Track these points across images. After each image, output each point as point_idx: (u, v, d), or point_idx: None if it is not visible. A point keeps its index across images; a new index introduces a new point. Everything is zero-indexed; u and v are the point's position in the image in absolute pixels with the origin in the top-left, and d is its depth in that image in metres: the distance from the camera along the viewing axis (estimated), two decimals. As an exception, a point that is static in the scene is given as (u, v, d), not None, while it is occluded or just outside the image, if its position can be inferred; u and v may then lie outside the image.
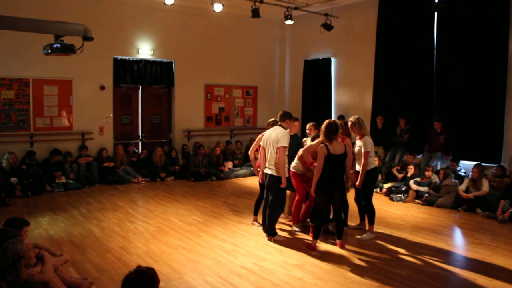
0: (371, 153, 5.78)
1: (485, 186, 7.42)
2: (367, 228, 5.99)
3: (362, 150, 5.74)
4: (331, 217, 5.89)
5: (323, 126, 5.31)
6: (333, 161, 5.23)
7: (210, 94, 11.85)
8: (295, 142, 6.24)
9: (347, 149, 5.36)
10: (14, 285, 2.78)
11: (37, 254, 3.66)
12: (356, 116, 5.91)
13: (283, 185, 5.55)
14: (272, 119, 6.22)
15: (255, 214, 6.44)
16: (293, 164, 6.03)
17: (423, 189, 8.07)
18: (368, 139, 5.79)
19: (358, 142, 5.85)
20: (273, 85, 13.08)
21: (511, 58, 8.13)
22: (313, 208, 5.53)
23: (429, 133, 9.04)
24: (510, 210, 6.78)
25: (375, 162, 5.97)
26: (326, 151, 5.20)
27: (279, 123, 5.78)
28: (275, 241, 5.64)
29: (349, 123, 5.90)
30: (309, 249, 5.37)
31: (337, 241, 5.48)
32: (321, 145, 5.28)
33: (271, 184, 5.64)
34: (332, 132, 5.23)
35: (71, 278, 4.08)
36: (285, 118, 5.77)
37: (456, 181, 7.89)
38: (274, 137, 5.59)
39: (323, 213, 5.46)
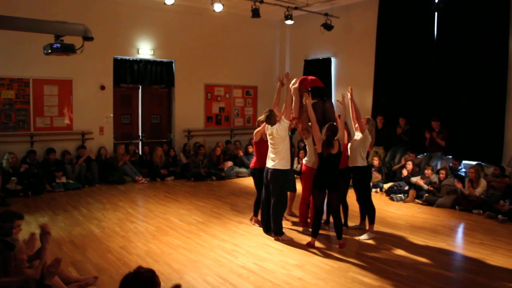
0: (363, 152, 5.80)
1: (480, 187, 7.44)
2: (367, 228, 6.00)
3: (356, 134, 5.87)
4: (324, 218, 5.98)
5: (324, 132, 5.37)
6: (327, 160, 5.33)
7: (210, 94, 11.85)
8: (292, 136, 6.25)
9: (340, 142, 5.40)
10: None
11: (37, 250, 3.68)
12: (372, 120, 6.19)
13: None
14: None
15: (255, 214, 6.44)
16: (306, 159, 5.99)
17: (425, 186, 8.08)
18: (368, 134, 5.85)
19: (358, 134, 5.87)
20: (273, 85, 13.02)
21: (511, 58, 8.13)
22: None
23: (429, 132, 9.03)
24: (509, 206, 6.80)
25: (364, 160, 5.88)
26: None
27: (272, 125, 5.64)
28: (283, 241, 5.64)
29: (364, 117, 6.00)
30: (308, 247, 5.42)
31: (337, 241, 5.49)
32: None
33: (274, 179, 5.61)
34: (331, 142, 5.28)
35: (70, 274, 4.09)
36: (275, 116, 5.68)
37: (456, 180, 7.88)
38: (278, 133, 5.57)
39: (320, 211, 5.49)
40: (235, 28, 11.97)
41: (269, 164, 5.68)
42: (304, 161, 6.07)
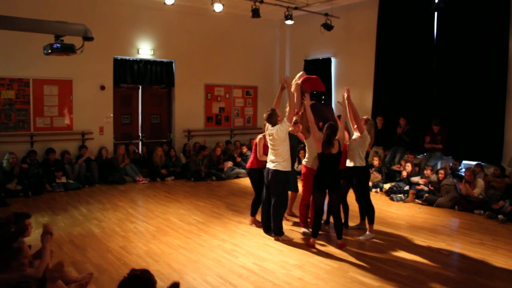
0: (362, 152, 5.78)
1: (478, 188, 7.44)
2: (367, 227, 5.99)
3: (355, 134, 5.83)
4: (324, 218, 5.98)
5: (324, 130, 5.36)
6: (327, 160, 5.33)
7: (210, 94, 11.85)
8: (296, 140, 6.25)
9: (340, 140, 5.39)
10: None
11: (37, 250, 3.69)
12: (371, 119, 6.06)
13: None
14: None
15: (253, 215, 6.43)
16: (306, 160, 5.99)
17: (425, 188, 8.08)
18: (367, 135, 5.81)
19: (356, 134, 5.87)
20: (273, 85, 13.07)
21: (511, 58, 8.13)
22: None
23: (427, 133, 9.01)
24: (509, 206, 6.80)
25: (362, 160, 5.82)
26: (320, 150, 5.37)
27: (273, 125, 5.64)
28: (283, 241, 5.64)
29: (362, 118, 5.93)
30: (308, 247, 5.43)
31: (337, 241, 5.49)
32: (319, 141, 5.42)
33: (275, 180, 5.62)
34: (331, 141, 5.27)
35: (70, 274, 4.09)
36: (277, 116, 5.68)
37: (455, 180, 7.88)
38: (278, 134, 5.55)
39: (320, 212, 5.50)
40: (235, 28, 11.97)
41: (270, 165, 5.68)
42: (303, 161, 6.07)
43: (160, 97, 11.31)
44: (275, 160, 5.61)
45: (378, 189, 8.81)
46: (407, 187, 8.34)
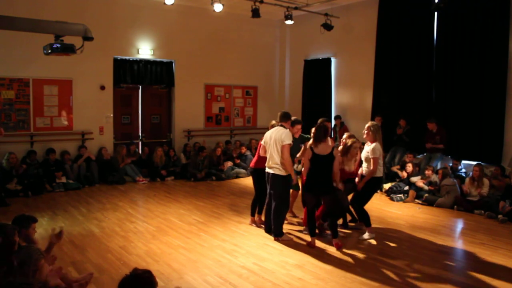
0: (379, 161, 5.72)
1: (486, 186, 7.42)
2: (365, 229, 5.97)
3: (370, 156, 5.70)
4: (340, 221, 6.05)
5: (313, 128, 5.44)
6: (318, 162, 5.34)
7: (210, 94, 11.85)
8: (298, 144, 6.24)
9: (334, 151, 5.41)
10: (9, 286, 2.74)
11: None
12: (374, 122, 5.98)
13: (294, 182, 5.73)
14: (274, 121, 6.21)
15: (252, 215, 6.44)
16: None
17: (425, 187, 8.08)
18: (378, 146, 5.73)
19: (367, 148, 5.81)
20: (273, 85, 13.09)
21: (511, 58, 8.13)
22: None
23: (426, 134, 9.01)
24: (509, 207, 6.79)
25: (381, 170, 5.79)
26: (310, 153, 5.40)
27: (280, 123, 5.79)
28: (282, 241, 5.64)
29: (366, 127, 5.84)
30: (309, 247, 5.43)
31: (333, 240, 5.47)
32: (307, 148, 5.53)
33: (274, 183, 5.64)
34: (320, 136, 5.34)
35: (70, 274, 4.08)
36: (287, 119, 5.79)
37: (455, 180, 7.88)
38: (275, 136, 5.60)
39: (313, 212, 5.56)
40: (235, 28, 11.96)
41: (269, 169, 5.69)
42: None
43: (160, 97, 11.31)
44: (274, 164, 5.61)
45: (378, 189, 8.80)
46: (407, 187, 8.34)
